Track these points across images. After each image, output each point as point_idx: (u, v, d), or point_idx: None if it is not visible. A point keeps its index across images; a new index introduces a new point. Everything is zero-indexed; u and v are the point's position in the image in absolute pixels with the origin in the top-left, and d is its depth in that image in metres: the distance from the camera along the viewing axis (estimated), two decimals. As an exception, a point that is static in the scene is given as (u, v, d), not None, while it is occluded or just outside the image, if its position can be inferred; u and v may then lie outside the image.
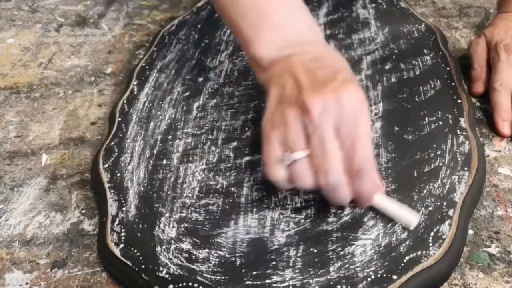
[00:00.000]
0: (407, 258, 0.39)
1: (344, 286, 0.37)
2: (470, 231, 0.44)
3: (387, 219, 0.42)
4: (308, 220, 0.43)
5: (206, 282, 0.38)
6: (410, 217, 0.41)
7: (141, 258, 0.40)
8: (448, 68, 0.59)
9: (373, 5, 0.72)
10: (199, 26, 0.71)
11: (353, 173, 0.39)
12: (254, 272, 0.39)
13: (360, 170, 0.39)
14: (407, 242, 0.40)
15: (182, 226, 0.43)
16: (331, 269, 0.39)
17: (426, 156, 0.48)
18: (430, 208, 0.43)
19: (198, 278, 0.39)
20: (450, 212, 0.42)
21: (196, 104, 0.57)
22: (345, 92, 0.39)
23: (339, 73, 0.41)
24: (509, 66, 0.56)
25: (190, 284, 0.38)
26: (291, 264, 0.39)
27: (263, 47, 0.45)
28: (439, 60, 0.60)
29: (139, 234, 0.42)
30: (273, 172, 0.40)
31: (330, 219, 0.43)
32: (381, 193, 0.42)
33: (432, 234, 0.41)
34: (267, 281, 0.38)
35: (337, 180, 0.39)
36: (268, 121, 0.41)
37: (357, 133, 0.39)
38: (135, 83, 0.60)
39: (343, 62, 0.45)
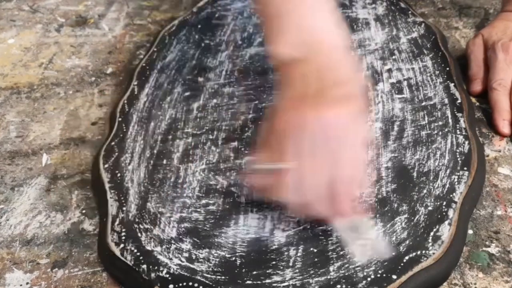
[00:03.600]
0: (406, 258, 0.39)
1: (344, 286, 0.38)
2: (470, 231, 0.44)
3: (387, 219, 0.42)
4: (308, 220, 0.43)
5: (206, 281, 0.38)
6: (359, 251, 0.40)
7: (141, 257, 0.40)
8: (448, 68, 0.59)
9: (373, 5, 0.72)
10: (199, 26, 0.71)
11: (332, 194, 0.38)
12: (254, 272, 0.39)
13: (338, 194, 0.37)
14: (407, 242, 0.40)
15: (182, 226, 0.43)
16: (331, 269, 0.39)
17: (425, 156, 0.48)
18: (430, 208, 0.43)
19: (198, 277, 0.39)
20: (450, 212, 0.42)
21: (196, 104, 0.57)
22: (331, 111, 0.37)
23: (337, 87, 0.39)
24: (507, 65, 0.56)
25: (191, 283, 0.38)
26: (291, 264, 0.39)
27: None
28: (439, 60, 0.60)
29: (139, 234, 0.42)
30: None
31: (330, 219, 0.43)
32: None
33: (431, 234, 0.41)
34: (267, 280, 0.38)
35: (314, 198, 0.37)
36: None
37: (339, 155, 0.37)
38: (136, 83, 0.60)
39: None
